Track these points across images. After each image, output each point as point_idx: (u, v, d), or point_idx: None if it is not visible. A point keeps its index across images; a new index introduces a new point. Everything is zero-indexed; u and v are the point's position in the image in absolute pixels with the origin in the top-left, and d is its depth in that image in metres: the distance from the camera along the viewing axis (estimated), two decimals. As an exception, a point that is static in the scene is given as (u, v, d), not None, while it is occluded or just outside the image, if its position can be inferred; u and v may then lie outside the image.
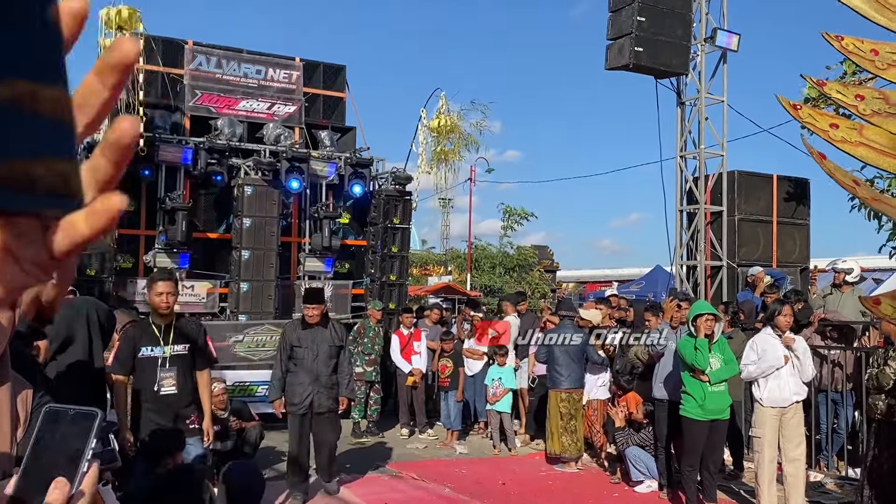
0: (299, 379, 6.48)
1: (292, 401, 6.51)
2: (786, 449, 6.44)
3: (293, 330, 6.64)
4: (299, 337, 6.53)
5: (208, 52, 10.80)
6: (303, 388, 6.48)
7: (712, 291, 11.22)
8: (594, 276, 36.08)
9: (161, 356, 5.10)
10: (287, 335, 6.65)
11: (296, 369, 6.50)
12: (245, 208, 10.15)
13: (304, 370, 6.49)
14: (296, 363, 6.50)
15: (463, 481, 7.66)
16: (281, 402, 6.62)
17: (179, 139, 10.12)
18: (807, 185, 11.82)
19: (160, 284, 5.07)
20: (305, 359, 6.49)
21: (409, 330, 10.15)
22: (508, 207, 29.72)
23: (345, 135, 11.87)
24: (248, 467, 6.15)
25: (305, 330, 6.54)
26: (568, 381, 8.04)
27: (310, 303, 6.67)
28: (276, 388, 6.65)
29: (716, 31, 11.40)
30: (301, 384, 6.48)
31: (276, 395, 6.67)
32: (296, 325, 6.71)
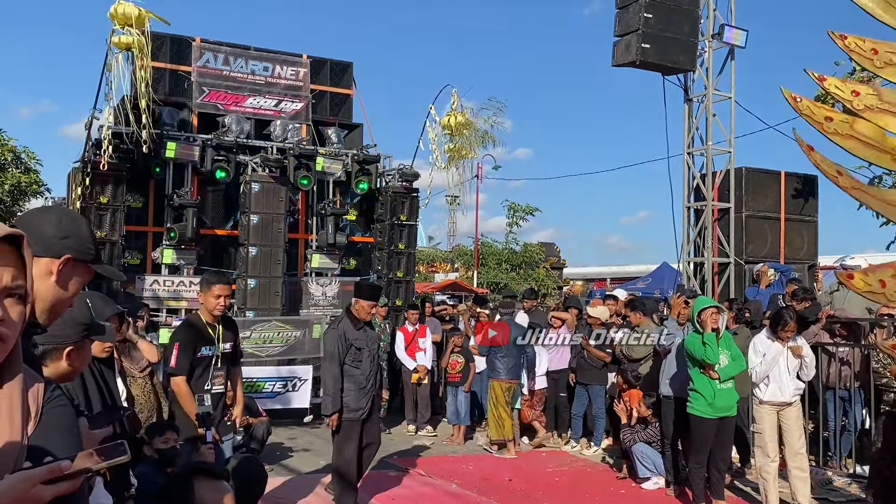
0: (359, 383, 6.11)
1: (351, 406, 6.09)
2: (789, 442, 6.44)
3: (348, 331, 6.16)
4: (356, 338, 6.15)
5: (216, 50, 10.83)
6: (363, 392, 6.13)
7: (719, 288, 11.19)
8: (601, 273, 36.02)
9: (213, 355, 5.13)
10: (346, 337, 6.13)
11: (354, 372, 6.10)
12: (252, 205, 10.18)
13: (363, 373, 6.14)
14: (355, 366, 6.12)
15: (470, 477, 7.68)
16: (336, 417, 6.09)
17: (187, 136, 10.15)
18: (815, 181, 11.78)
19: (217, 288, 5.06)
20: (364, 361, 6.15)
21: (413, 326, 10.13)
22: (513, 204, 29.73)
23: (352, 131, 11.88)
24: (250, 461, 6.17)
25: (360, 330, 6.19)
26: (506, 372, 8.61)
27: (373, 300, 6.38)
28: (336, 398, 6.05)
29: (723, 28, 11.37)
30: (362, 388, 6.11)
31: (337, 407, 6.05)
32: (346, 325, 6.20)
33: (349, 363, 6.09)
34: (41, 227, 1.70)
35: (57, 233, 1.71)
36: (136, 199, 10.05)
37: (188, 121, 10.56)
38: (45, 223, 1.72)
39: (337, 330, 6.19)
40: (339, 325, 6.24)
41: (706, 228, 11.42)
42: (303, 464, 8.06)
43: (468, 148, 12.29)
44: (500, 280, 25.94)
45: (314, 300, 10.97)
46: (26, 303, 1.22)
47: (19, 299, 1.19)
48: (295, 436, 9.55)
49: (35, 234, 1.68)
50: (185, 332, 5.21)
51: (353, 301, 6.31)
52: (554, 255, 30.41)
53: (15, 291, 1.19)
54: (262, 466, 6.15)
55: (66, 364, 2.20)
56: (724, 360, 6.30)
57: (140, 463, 5.21)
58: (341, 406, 6.03)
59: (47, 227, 1.70)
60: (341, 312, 6.77)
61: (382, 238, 11.38)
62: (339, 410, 6.02)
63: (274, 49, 11.32)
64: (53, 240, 1.69)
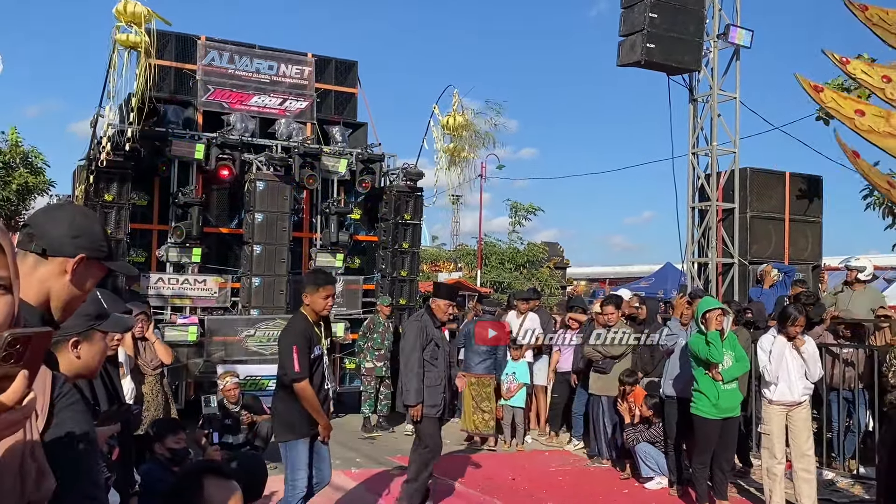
0: (436, 379, 6.17)
1: (430, 402, 6.13)
2: (795, 444, 6.43)
3: (429, 326, 6.21)
4: (435, 335, 6.21)
5: (221, 48, 10.84)
6: (441, 389, 6.20)
7: (724, 289, 11.18)
8: (604, 273, 36.02)
9: (321, 354, 5.15)
10: (426, 332, 6.19)
11: (430, 368, 6.14)
12: (257, 203, 10.19)
13: (440, 370, 6.20)
14: (432, 363, 6.15)
15: (473, 476, 7.69)
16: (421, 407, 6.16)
17: (192, 134, 10.16)
18: (820, 182, 11.76)
19: (327, 288, 5.12)
20: (440, 359, 6.22)
21: None
22: (515, 203, 29.71)
23: (356, 130, 11.88)
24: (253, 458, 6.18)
25: (437, 329, 6.26)
26: (479, 367, 9.10)
27: (451, 298, 6.44)
28: (419, 390, 6.11)
29: (728, 28, 11.34)
30: (439, 385, 6.18)
31: (420, 398, 6.12)
32: (427, 321, 6.25)
33: (426, 358, 6.12)
34: (54, 227, 1.71)
35: (70, 232, 1.71)
36: (142, 196, 10.07)
37: (193, 119, 10.56)
38: (58, 222, 1.72)
39: (420, 322, 6.23)
40: (421, 318, 6.31)
41: (710, 229, 11.41)
42: (306, 462, 8.05)
43: (468, 149, 12.28)
44: (504, 280, 25.94)
45: (318, 299, 10.97)
46: (11, 293, 1.20)
47: (3, 290, 1.18)
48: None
49: (48, 233, 1.69)
50: (299, 334, 5.09)
51: (430, 300, 6.40)
52: (557, 255, 30.40)
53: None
54: (264, 464, 6.16)
55: (74, 356, 2.20)
56: (729, 361, 6.30)
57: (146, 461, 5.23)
58: (422, 399, 6.06)
59: (60, 227, 1.71)
60: (422, 309, 6.76)
61: (386, 237, 11.39)
62: (420, 403, 6.05)
63: (279, 48, 11.33)
64: (66, 239, 1.70)
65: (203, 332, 9.76)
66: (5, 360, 1.09)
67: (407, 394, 6.12)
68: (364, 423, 10.03)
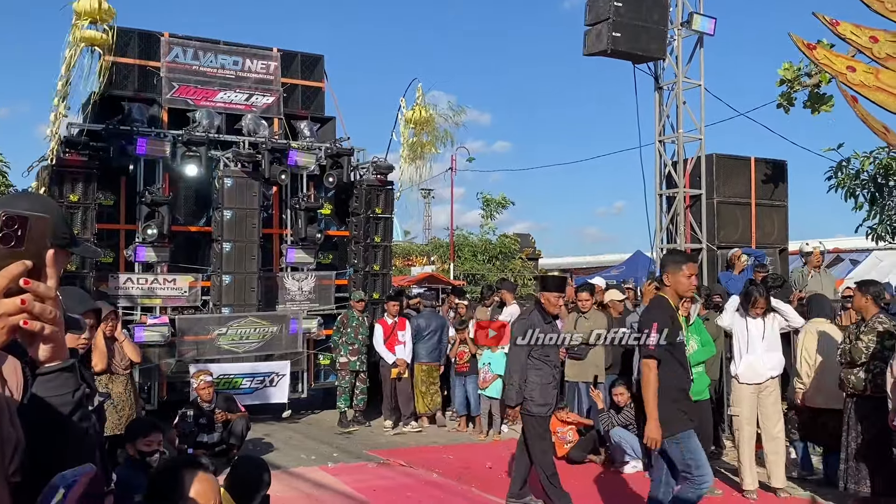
0: (546, 377, 5.87)
1: (538, 400, 5.82)
2: (765, 426, 6.55)
3: (538, 323, 5.88)
4: (546, 331, 5.87)
5: (185, 44, 10.71)
6: (553, 386, 5.90)
7: (693, 274, 11.31)
8: (576, 263, 36.21)
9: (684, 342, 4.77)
10: (534, 329, 5.85)
11: (542, 366, 5.84)
12: (225, 200, 10.10)
13: (551, 367, 5.92)
14: (543, 360, 5.87)
15: (451, 466, 7.72)
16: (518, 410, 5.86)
17: (157, 132, 10.04)
18: (784, 167, 11.93)
19: (691, 266, 4.72)
20: (552, 355, 5.94)
21: (393, 319, 10.04)
22: (486, 196, 29.77)
23: (324, 125, 11.81)
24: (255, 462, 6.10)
25: (548, 324, 5.94)
26: (428, 357, 9.98)
27: (560, 290, 6.16)
28: (520, 390, 5.81)
29: (692, 16, 11.45)
30: (551, 383, 5.89)
31: (520, 399, 5.82)
32: (537, 318, 5.92)
33: (537, 356, 5.84)
34: None
35: None
36: (108, 196, 9.92)
37: (158, 117, 10.43)
38: None
39: (528, 320, 5.98)
40: (530, 315, 6.05)
41: (678, 215, 11.53)
42: (282, 458, 8.04)
43: (430, 144, 12.28)
44: (477, 272, 26.01)
45: (290, 295, 10.92)
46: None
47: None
48: (274, 431, 9.54)
49: None
50: (662, 313, 4.68)
51: (539, 295, 6.11)
52: (529, 246, 30.54)
53: None
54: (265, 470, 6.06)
55: None
56: (694, 346, 6.39)
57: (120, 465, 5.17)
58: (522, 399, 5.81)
59: None
60: (531, 304, 6.54)
61: (358, 231, 11.35)
62: (520, 403, 5.79)
63: (244, 43, 11.22)
64: None
65: (174, 332, 9.67)
66: (4, 241, 1.10)
67: (509, 393, 5.89)
68: (340, 418, 10.01)
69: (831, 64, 5.29)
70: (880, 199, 11.73)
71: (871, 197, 11.81)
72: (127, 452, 5.12)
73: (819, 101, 10.86)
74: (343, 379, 10.03)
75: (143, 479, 4.62)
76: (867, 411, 6.12)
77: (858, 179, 11.74)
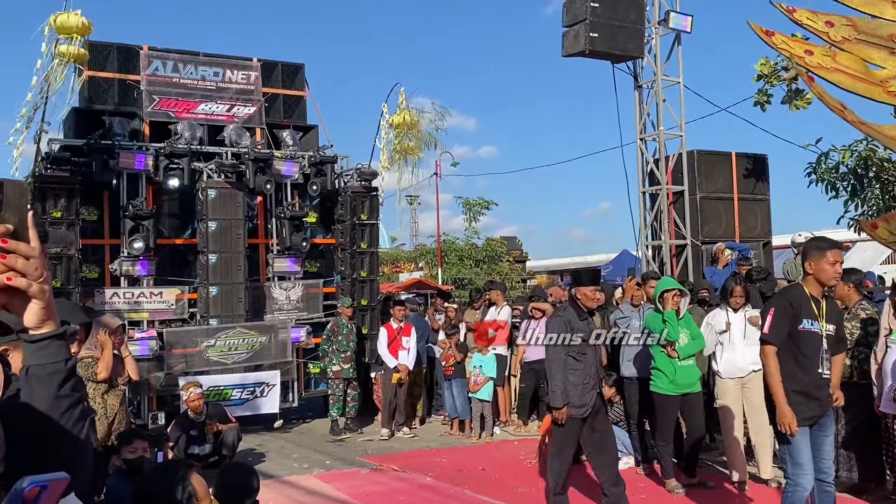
0: (582, 376, 5.64)
1: (574, 402, 5.59)
2: (752, 419, 6.61)
3: (573, 320, 5.67)
4: (581, 328, 5.66)
5: (164, 57, 10.69)
6: (589, 387, 5.67)
7: (678, 270, 11.40)
8: (564, 264, 36.31)
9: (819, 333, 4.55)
10: (570, 326, 5.65)
11: (577, 365, 5.63)
12: (210, 212, 10.08)
13: (587, 365, 5.68)
14: (579, 358, 5.65)
15: (444, 469, 7.72)
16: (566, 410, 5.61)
17: (139, 145, 10.01)
18: (765, 161, 12.05)
19: (836, 253, 4.51)
20: (588, 353, 5.71)
21: (398, 324, 9.96)
22: (467, 200, 29.79)
23: (307, 133, 11.82)
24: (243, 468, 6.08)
25: (584, 321, 5.71)
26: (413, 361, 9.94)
27: (596, 283, 5.90)
28: (564, 391, 5.58)
29: (669, 14, 11.55)
30: (586, 384, 5.65)
31: (566, 400, 5.56)
32: (571, 314, 5.73)
33: (572, 355, 5.66)
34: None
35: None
36: (91, 212, 9.87)
37: (140, 130, 10.40)
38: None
39: (562, 317, 5.81)
40: (564, 312, 5.87)
41: (662, 212, 11.61)
42: (275, 467, 8.02)
43: (415, 147, 12.33)
44: (465, 276, 26.04)
45: (278, 304, 10.90)
46: None
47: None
48: (265, 441, 9.51)
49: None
50: (783, 300, 4.55)
51: (574, 291, 5.88)
52: (516, 249, 30.62)
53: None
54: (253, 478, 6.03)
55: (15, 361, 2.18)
56: (684, 339, 6.45)
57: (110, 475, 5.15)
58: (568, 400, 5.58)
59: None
60: (565, 301, 6.36)
61: (344, 238, 11.35)
62: (567, 404, 5.56)
63: (223, 54, 11.22)
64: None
65: (162, 345, 9.63)
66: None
67: (552, 395, 5.70)
68: (332, 426, 9.99)
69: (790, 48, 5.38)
70: (861, 190, 11.85)
71: (852, 189, 11.93)
72: (114, 465, 5.11)
73: (796, 95, 10.98)
74: (336, 387, 10.01)
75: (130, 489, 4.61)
76: (854, 398, 6.18)
77: (838, 172, 11.86)
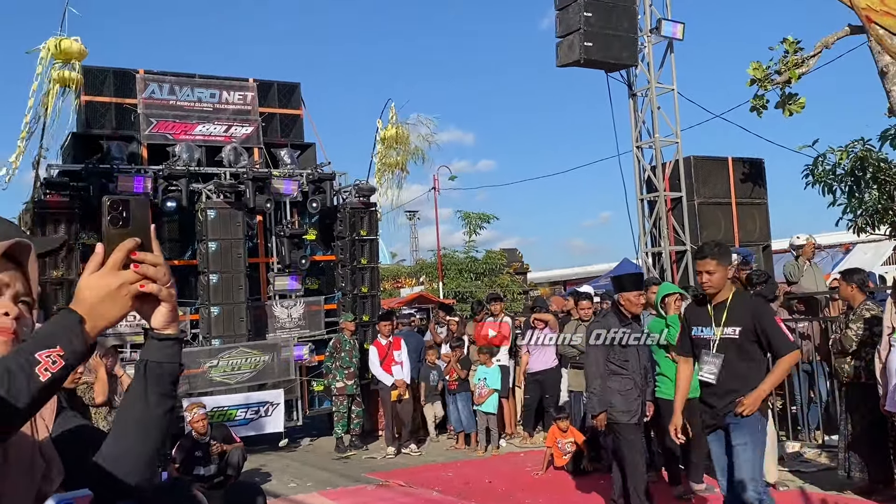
0: (626, 383, 5.56)
1: (620, 407, 5.52)
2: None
3: (614, 327, 5.57)
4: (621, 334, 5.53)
5: (160, 80, 10.74)
6: (635, 393, 5.57)
7: (679, 276, 11.39)
8: (565, 275, 36.28)
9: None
10: (608, 330, 5.56)
11: (621, 371, 5.55)
12: (209, 232, 10.09)
13: (632, 372, 5.59)
14: (622, 365, 5.55)
15: (450, 483, 7.68)
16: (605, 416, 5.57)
17: (138, 168, 10.03)
18: (761, 165, 12.06)
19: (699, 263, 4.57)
20: (631, 360, 5.60)
21: (387, 339, 9.94)
22: (466, 213, 29.76)
23: (305, 151, 11.85)
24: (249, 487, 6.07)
25: (626, 326, 5.60)
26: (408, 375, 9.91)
27: (638, 288, 5.81)
28: (602, 400, 5.54)
29: (660, 22, 11.62)
30: (631, 390, 5.56)
31: (603, 407, 5.54)
32: (612, 321, 5.64)
33: (614, 362, 5.58)
34: None
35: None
36: (91, 236, 9.87)
37: (138, 153, 10.43)
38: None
39: (604, 321, 5.76)
40: (604, 318, 5.84)
41: (661, 219, 11.62)
42: (281, 486, 7.99)
43: (401, 162, 12.35)
44: (465, 289, 26.01)
45: (280, 323, 10.89)
46: (32, 310, 1.31)
47: (28, 307, 1.30)
48: (270, 460, 9.47)
49: None
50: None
51: (617, 297, 5.82)
52: (517, 261, 30.59)
53: (25, 299, 1.29)
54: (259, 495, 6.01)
55: None
56: (688, 343, 6.42)
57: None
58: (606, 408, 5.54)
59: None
60: (608, 307, 6.30)
61: (344, 255, 11.36)
62: (604, 412, 5.53)
63: (219, 75, 11.27)
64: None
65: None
66: (113, 223, 1.26)
67: (589, 402, 5.64)
68: (337, 444, 9.95)
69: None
70: (858, 191, 11.85)
71: (850, 190, 11.93)
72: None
73: (789, 99, 11.00)
74: (340, 404, 9.97)
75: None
76: (861, 399, 6.17)
77: (835, 174, 11.86)
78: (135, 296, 1.27)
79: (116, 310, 1.25)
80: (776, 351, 4.41)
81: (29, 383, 1.12)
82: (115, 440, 1.32)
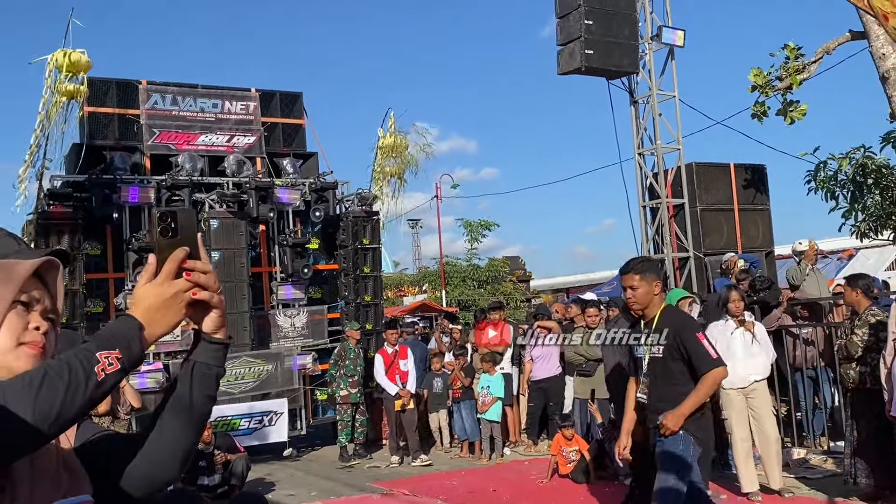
0: None
1: None
2: (758, 430, 6.57)
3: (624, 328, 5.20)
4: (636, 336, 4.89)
5: (163, 90, 10.78)
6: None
7: (682, 282, 11.38)
8: (568, 282, 36.26)
9: None
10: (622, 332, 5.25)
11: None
12: (212, 242, 10.09)
13: None
14: None
15: (455, 492, 7.67)
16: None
17: (140, 179, 10.06)
18: (763, 171, 12.07)
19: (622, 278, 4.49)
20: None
21: (393, 348, 9.92)
22: (468, 222, 29.74)
23: (307, 161, 11.89)
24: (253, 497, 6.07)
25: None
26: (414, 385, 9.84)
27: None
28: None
29: (661, 29, 11.65)
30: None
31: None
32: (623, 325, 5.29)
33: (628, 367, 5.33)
34: None
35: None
36: (94, 246, 9.90)
37: (141, 164, 10.47)
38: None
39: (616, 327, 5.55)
40: (617, 323, 5.66)
41: (663, 225, 11.62)
42: (285, 496, 7.97)
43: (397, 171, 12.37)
44: (467, 297, 26.00)
45: (283, 332, 10.89)
46: (56, 327, 1.33)
47: (52, 324, 1.31)
48: (274, 470, 9.45)
49: None
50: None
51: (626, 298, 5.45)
52: (519, 269, 30.57)
53: (51, 315, 1.31)
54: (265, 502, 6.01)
55: None
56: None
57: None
58: None
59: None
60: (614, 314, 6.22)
61: (347, 264, 11.37)
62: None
63: (222, 85, 11.32)
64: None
65: (168, 377, 9.60)
66: (163, 233, 1.31)
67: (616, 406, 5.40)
68: (341, 453, 9.93)
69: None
70: (860, 197, 11.84)
71: (852, 196, 11.93)
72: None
73: (791, 106, 11.02)
74: (344, 413, 9.95)
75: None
76: (866, 404, 6.15)
77: (837, 180, 11.86)
78: (188, 303, 1.32)
79: (172, 317, 1.30)
80: (696, 368, 4.26)
81: (88, 380, 1.14)
82: (160, 437, 1.35)
